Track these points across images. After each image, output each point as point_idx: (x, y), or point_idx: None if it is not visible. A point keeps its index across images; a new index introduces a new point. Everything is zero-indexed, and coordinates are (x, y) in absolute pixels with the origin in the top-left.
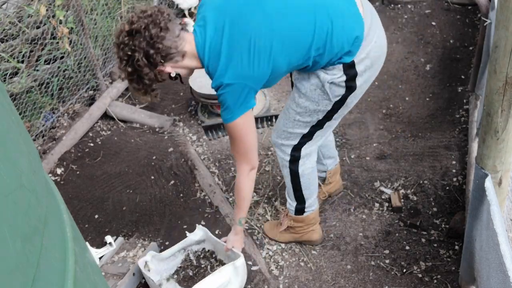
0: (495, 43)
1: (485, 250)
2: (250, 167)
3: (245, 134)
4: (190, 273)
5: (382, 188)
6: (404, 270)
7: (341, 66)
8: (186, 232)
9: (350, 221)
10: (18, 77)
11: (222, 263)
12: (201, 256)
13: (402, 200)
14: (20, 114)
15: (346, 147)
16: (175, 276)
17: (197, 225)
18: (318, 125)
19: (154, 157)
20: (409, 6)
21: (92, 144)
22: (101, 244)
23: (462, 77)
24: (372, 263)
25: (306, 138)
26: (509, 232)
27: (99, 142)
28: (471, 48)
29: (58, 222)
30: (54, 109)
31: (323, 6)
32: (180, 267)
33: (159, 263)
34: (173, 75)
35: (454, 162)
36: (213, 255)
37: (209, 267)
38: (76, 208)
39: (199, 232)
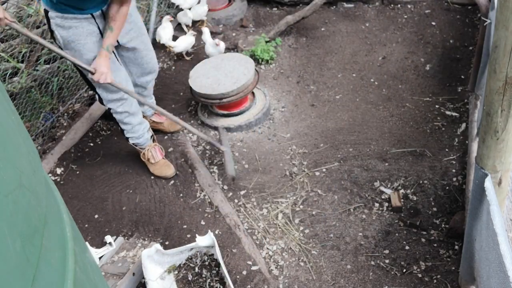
0: (494, 43)
1: (485, 250)
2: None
3: None
4: (189, 277)
5: (382, 188)
6: (404, 270)
7: None
8: (196, 235)
9: (350, 221)
10: (18, 77)
11: (222, 282)
12: (207, 263)
13: (402, 200)
14: (20, 114)
15: (346, 147)
16: (176, 272)
17: (209, 231)
18: None
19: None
20: (409, 6)
21: (92, 144)
22: (101, 244)
23: (462, 77)
24: (372, 263)
25: None
26: (509, 232)
27: (99, 142)
28: (471, 48)
29: (58, 222)
30: (54, 109)
31: None
32: (184, 263)
33: (163, 256)
34: None
35: (454, 162)
36: (218, 268)
37: (208, 280)
38: (76, 208)
39: (209, 239)
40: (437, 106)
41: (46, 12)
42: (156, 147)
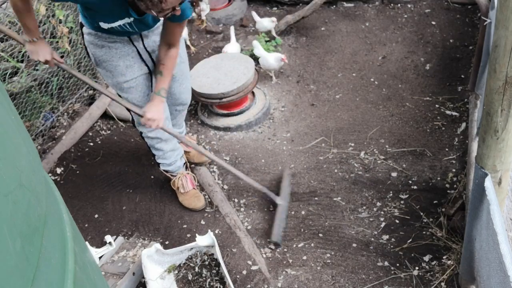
0: (495, 42)
1: (485, 250)
2: None
3: None
4: (189, 277)
5: (382, 188)
6: (404, 270)
7: None
8: (196, 234)
9: (350, 221)
10: (18, 77)
11: (222, 281)
12: (206, 263)
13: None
14: (20, 113)
15: (346, 147)
16: (176, 272)
17: (209, 230)
18: None
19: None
20: (409, 6)
21: (92, 144)
22: (101, 243)
23: (462, 76)
24: (372, 263)
25: None
26: (508, 231)
27: (99, 142)
28: (471, 47)
29: (58, 221)
30: (54, 109)
31: None
32: (184, 263)
33: (163, 256)
34: None
35: (454, 162)
36: (218, 268)
37: (208, 280)
38: (76, 207)
39: (209, 238)
40: (437, 105)
41: (81, 25)
42: (187, 176)
